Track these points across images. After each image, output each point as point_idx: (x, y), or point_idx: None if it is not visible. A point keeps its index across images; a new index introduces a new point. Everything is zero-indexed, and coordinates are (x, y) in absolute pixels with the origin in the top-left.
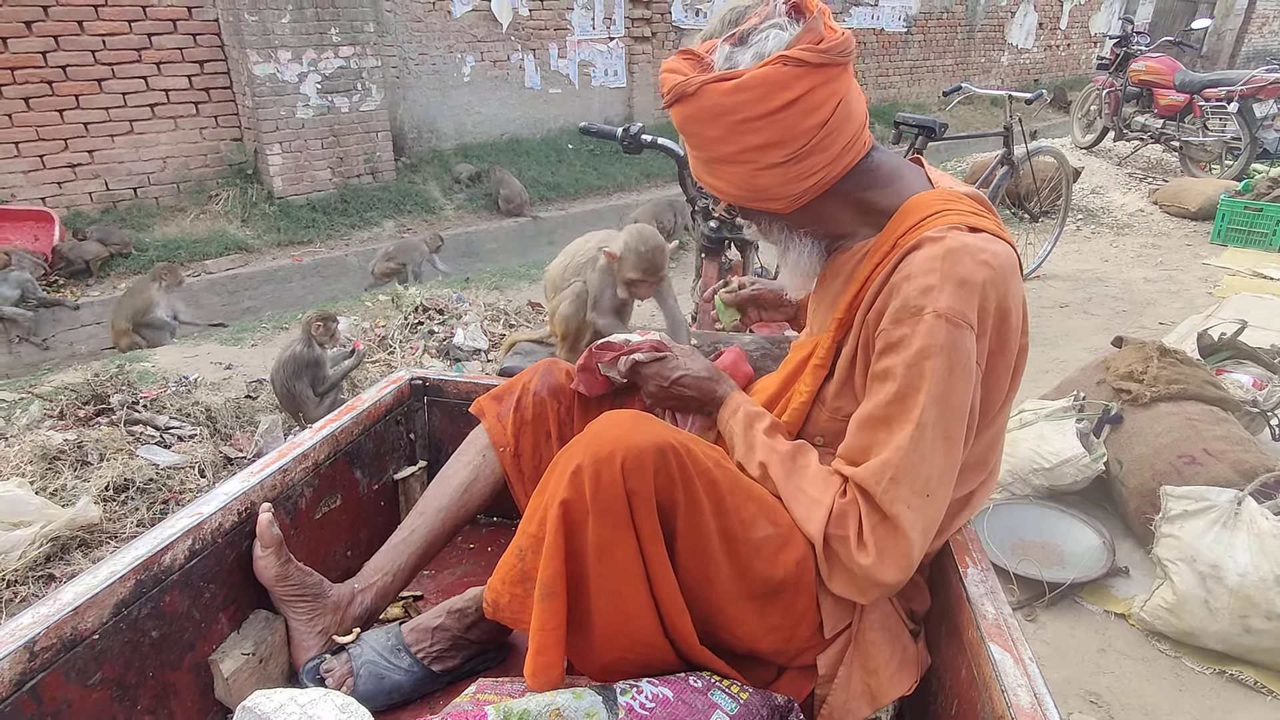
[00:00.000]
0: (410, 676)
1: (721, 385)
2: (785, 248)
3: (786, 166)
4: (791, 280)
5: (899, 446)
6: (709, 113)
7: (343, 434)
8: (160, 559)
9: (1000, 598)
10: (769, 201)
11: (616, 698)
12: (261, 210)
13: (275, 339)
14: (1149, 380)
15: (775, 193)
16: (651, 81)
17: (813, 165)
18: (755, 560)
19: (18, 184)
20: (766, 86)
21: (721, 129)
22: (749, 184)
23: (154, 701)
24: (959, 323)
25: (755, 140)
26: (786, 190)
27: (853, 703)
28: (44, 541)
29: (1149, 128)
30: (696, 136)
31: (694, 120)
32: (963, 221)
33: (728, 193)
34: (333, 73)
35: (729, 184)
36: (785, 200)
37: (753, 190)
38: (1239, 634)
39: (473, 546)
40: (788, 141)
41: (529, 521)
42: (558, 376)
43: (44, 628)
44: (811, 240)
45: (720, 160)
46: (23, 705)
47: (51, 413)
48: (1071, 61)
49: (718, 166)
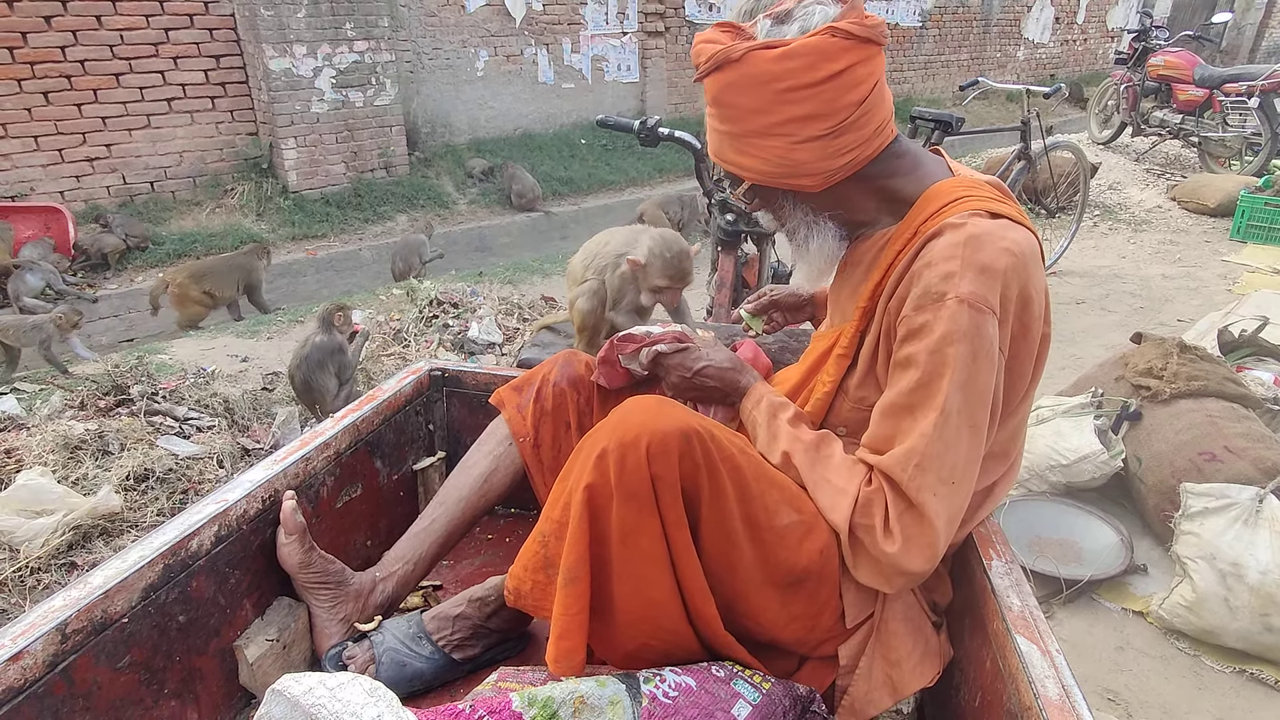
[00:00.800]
0: (431, 664)
1: (745, 376)
2: (807, 234)
3: (825, 141)
4: (810, 269)
5: (924, 434)
6: (753, 80)
7: (364, 424)
8: (187, 544)
9: (1026, 590)
10: (802, 178)
11: (640, 686)
12: (276, 204)
13: (290, 332)
14: (1169, 377)
15: (810, 168)
16: (664, 76)
17: (849, 143)
18: (779, 548)
19: (36, 178)
20: (814, 55)
21: (764, 98)
22: (785, 158)
23: (180, 685)
24: (981, 308)
25: (798, 111)
26: (822, 166)
27: (874, 694)
28: (66, 530)
29: (1167, 123)
30: (734, 107)
31: (735, 88)
32: (984, 208)
33: (758, 170)
34: (347, 67)
35: (762, 159)
36: (819, 177)
37: (788, 165)
38: (1259, 632)
39: (491, 537)
40: (829, 115)
41: (552, 507)
42: (577, 368)
43: (75, 610)
44: (834, 225)
45: (757, 133)
46: (55, 686)
47: (72, 403)
48: (1089, 56)
49: (752, 141)
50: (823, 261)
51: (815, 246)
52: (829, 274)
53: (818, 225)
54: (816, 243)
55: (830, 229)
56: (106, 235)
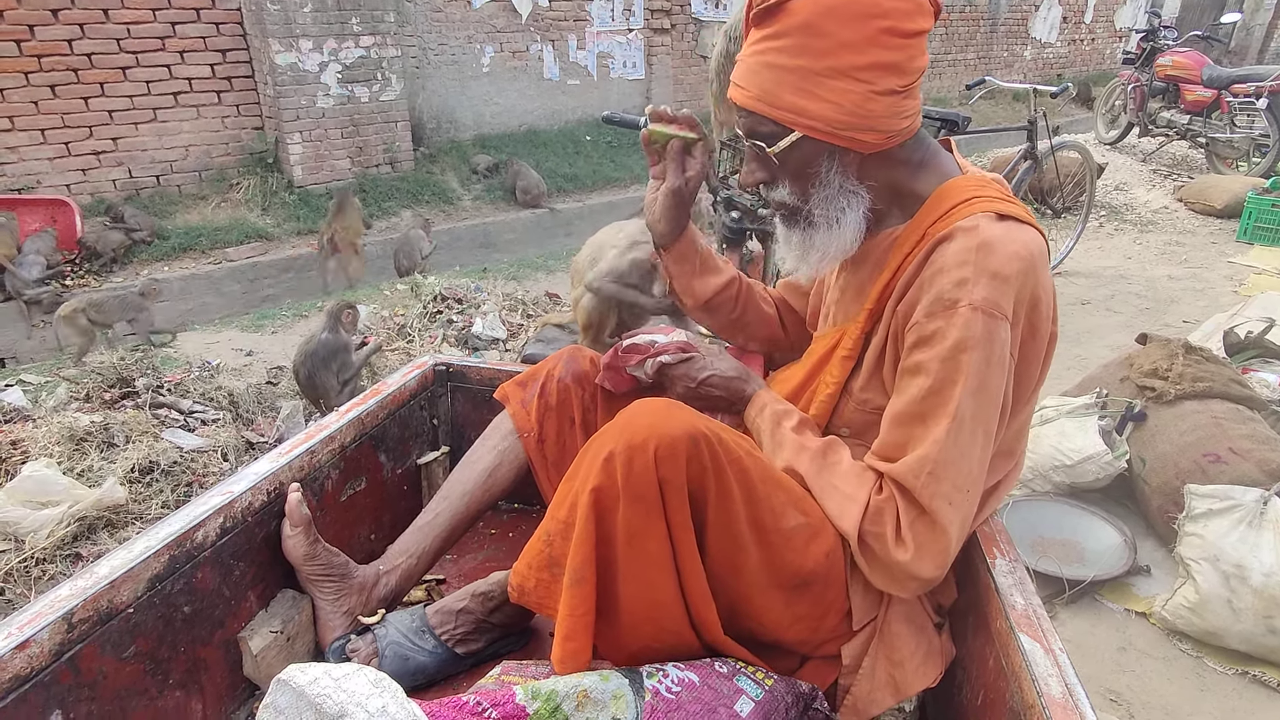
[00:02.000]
0: (434, 658)
1: (750, 384)
2: (843, 204)
3: (898, 99)
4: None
5: (937, 440)
6: (859, 10)
7: (368, 417)
8: (193, 536)
9: (1029, 589)
10: (866, 133)
11: (643, 681)
12: (281, 199)
13: (295, 327)
14: (1174, 377)
15: (880, 123)
16: (670, 73)
17: (910, 108)
18: (785, 550)
19: (43, 170)
20: (915, 5)
21: (864, 33)
22: (860, 106)
23: (185, 676)
24: (995, 314)
25: (888, 57)
26: (888, 124)
27: (877, 693)
28: (71, 521)
29: (1175, 124)
30: (826, 38)
31: (836, 15)
32: (993, 209)
33: (823, 117)
34: (353, 62)
35: (835, 104)
36: (882, 135)
37: (860, 115)
38: (1263, 634)
39: (494, 532)
40: (908, 72)
41: (558, 507)
42: (582, 364)
43: (81, 599)
44: (866, 203)
45: (841, 72)
46: (61, 675)
47: (78, 395)
48: (1096, 56)
49: (831, 82)
50: (850, 237)
51: (850, 219)
52: (848, 254)
53: (856, 195)
54: (851, 215)
55: (865, 201)
56: (111, 232)
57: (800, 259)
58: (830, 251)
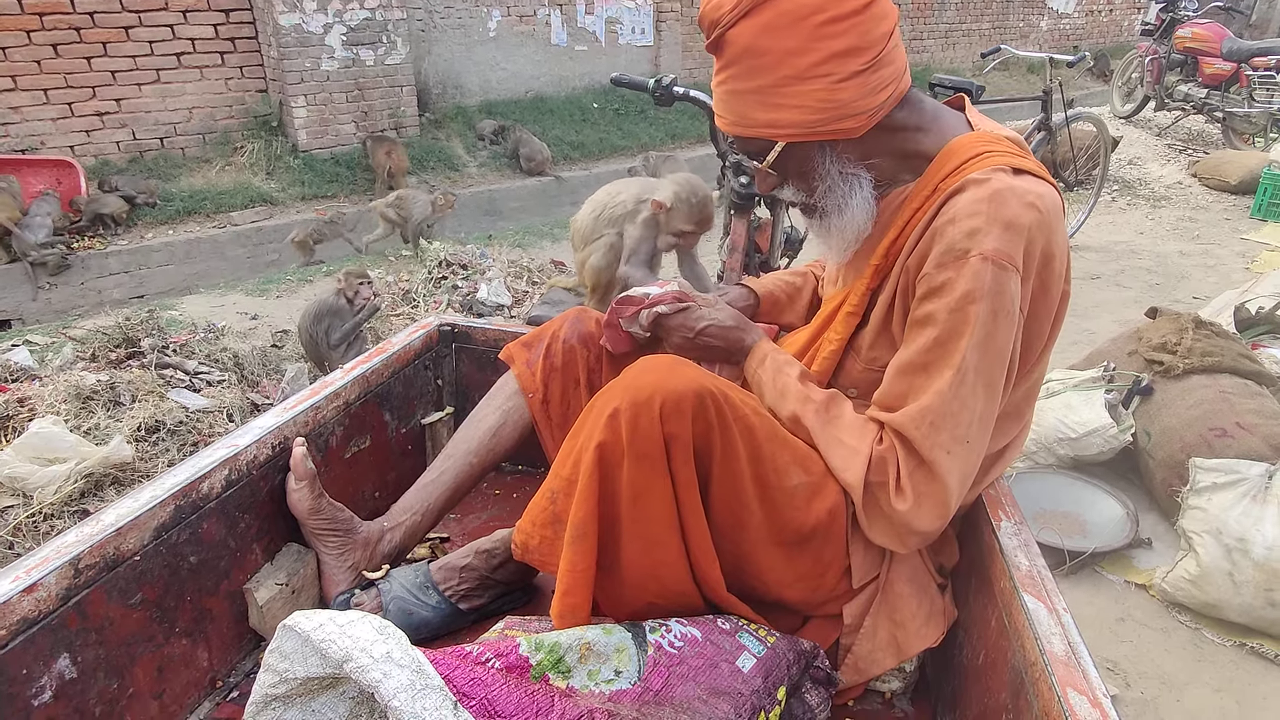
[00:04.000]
0: (438, 613)
1: (749, 334)
2: (847, 190)
3: (866, 75)
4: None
5: (939, 391)
6: (791, 17)
7: (373, 375)
8: (199, 486)
9: (1034, 550)
10: (846, 120)
11: (646, 635)
12: (286, 163)
13: (300, 291)
14: (1183, 352)
15: (855, 107)
16: (680, 40)
17: (886, 77)
18: (787, 508)
19: (46, 131)
20: None
21: (803, 35)
22: (829, 100)
23: (191, 625)
24: (1005, 265)
25: (838, 45)
26: (865, 104)
27: (878, 653)
28: (78, 478)
29: (1192, 97)
30: (768, 54)
31: (771, 31)
32: (1006, 163)
33: (797, 122)
34: (358, 24)
35: (803, 107)
36: (863, 116)
37: (832, 108)
38: (1262, 607)
39: (499, 492)
40: (867, 47)
41: (562, 464)
42: (588, 324)
43: (88, 545)
44: (870, 177)
45: (795, 78)
46: (68, 620)
47: (84, 355)
48: (1113, 28)
49: (790, 90)
50: (861, 217)
51: (857, 202)
52: (866, 232)
53: (857, 177)
54: (858, 197)
55: (868, 180)
56: (107, 196)
57: (826, 247)
58: (848, 234)
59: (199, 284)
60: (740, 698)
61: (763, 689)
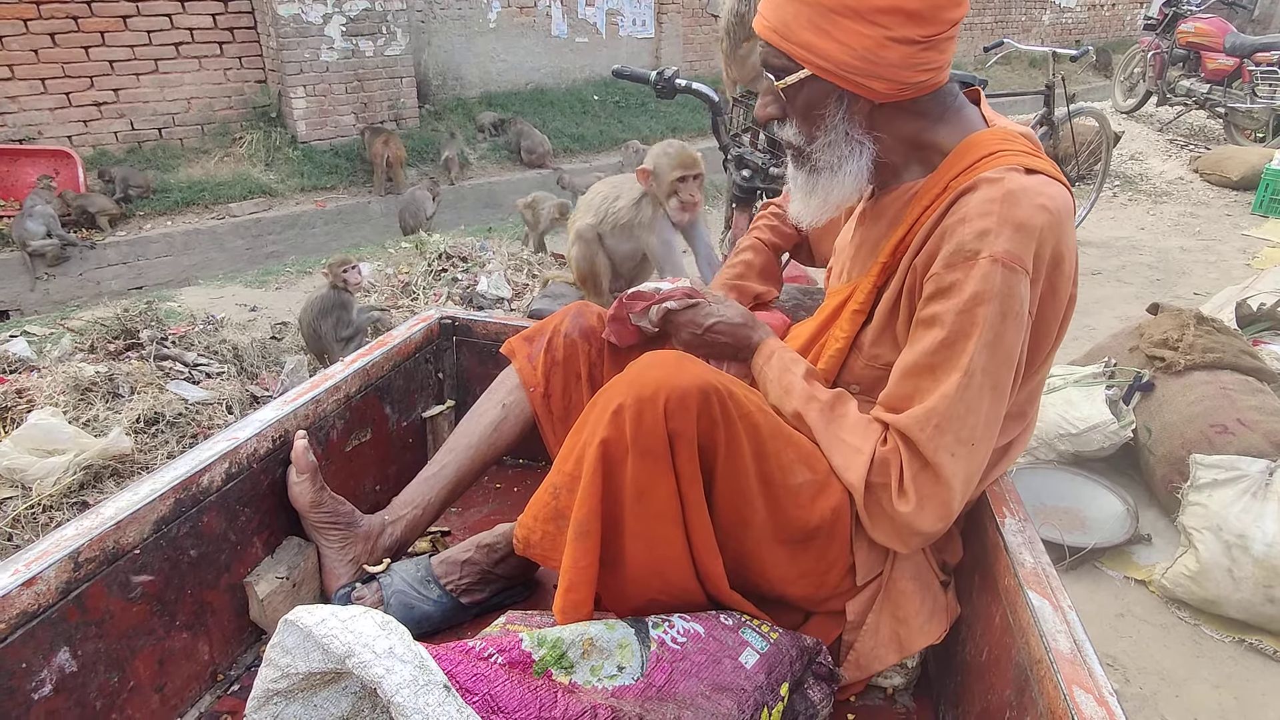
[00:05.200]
0: (439, 607)
1: (757, 331)
2: (845, 153)
3: (915, 49)
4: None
5: (945, 394)
6: None
7: (374, 368)
8: (199, 480)
9: (1039, 547)
10: (876, 80)
11: (649, 631)
12: (285, 154)
13: (299, 283)
14: (1184, 348)
15: (890, 72)
16: (680, 33)
17: (930, 60)
18: (791, 506)
19: (44, 121)
20: None
21: None
22: (872, 52)
23: (192, 618)
24: (1015, 268)
25: (907, 4)
26: (900, 75)
27: (880, 650)
28: (77, 469)
29: (1194, 93)
30: None
31: None
32: (1020, 163)
33: (834, 59)
34: (357, 15)
35: (847, 46)
36: (893, 85)
37: (870, 61)
38: (1261, 603)
39: (499, 486)
40: (931, 22)
41: (565, 460)
42: (589, 319)
43: (88, 539)
44: (873, 151)
45: (856, 13)
46: (68, 613)
47: (82, 346)
48: (1116, 22)
49: (845, 22)
50: (850, 187)
51: (851, 168)
52: (848, 203)
53: (860, 145)
54: (854, 165)
55: (870, 152)
56: (96, 196)
57: (804, 202)
58: (830, 199)
59: (198, 275)
60: (743, 694)
61: (765, 685)
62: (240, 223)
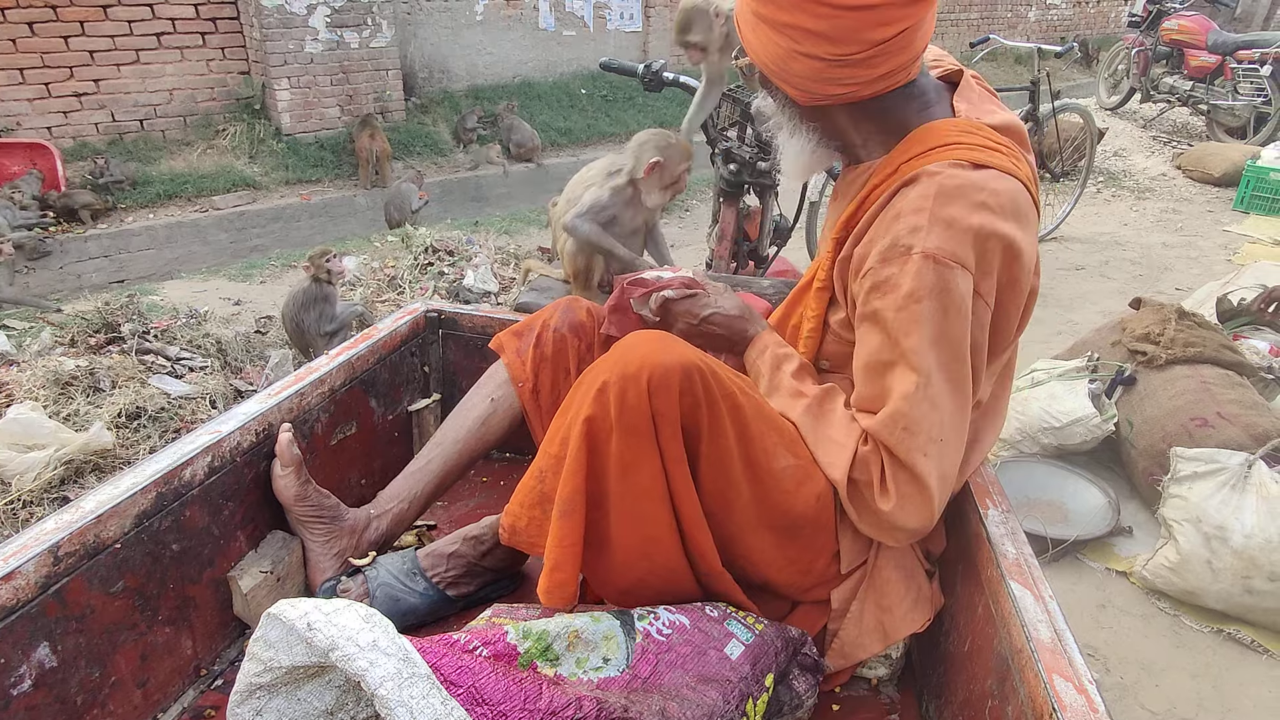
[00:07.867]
0: (425, 600)
1: (753, 325)
2: (790, 133)
3: (825, 65)
4: (786, 165)
5: (905, 395)
6: None
7: (359, 361)
8: (180, 473)
9: (1021, 538)
10: (788, 86)
11: (634, 623)
12: (269, 147)
13: (283, 277)
14: (1166, 342)
15: (800, 83)
16: (669, 26)
17: (848, 76)
18: (775, 490)
19: (23, 112)
20: None
21: None
22: (779, 61)
23: (174, 613)
24: (948, 263)
25: (811, 24)
26: (810, 86)
27: (864, 638)
28: (58, 464)
29: (1177, 90)
30: None
31: None
32: (969, 157)
33: (757, 56)
34: (342, 6)
35: (762, 49)
36: (804, 94)
37: (780, 68)
38: (1240, 594)
39: (486, 480)
40: (842, 41)
41: (550, 443)
42: (578, 314)
43: (68, 533)
44: (816, 138)
45: (769, 22)
46: (47, 608)
47: (62, 340)
48: (1101, 19)
49: (764, 27)
50: (793, 164)
51: (793, 150)
52: (804, 176)
53: (798, 130)
54: (794, 146)
55: (810, 139)
56: (78, 192)
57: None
58: (788, 164)
59: (180, 269)
60: (728, 685)
61: (750, 676)
62: (224, 216)
